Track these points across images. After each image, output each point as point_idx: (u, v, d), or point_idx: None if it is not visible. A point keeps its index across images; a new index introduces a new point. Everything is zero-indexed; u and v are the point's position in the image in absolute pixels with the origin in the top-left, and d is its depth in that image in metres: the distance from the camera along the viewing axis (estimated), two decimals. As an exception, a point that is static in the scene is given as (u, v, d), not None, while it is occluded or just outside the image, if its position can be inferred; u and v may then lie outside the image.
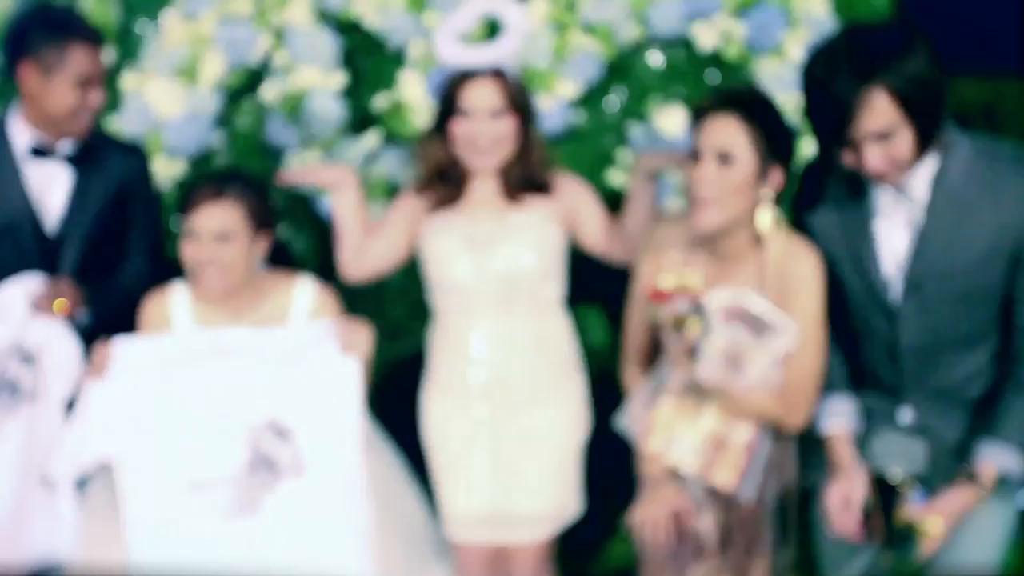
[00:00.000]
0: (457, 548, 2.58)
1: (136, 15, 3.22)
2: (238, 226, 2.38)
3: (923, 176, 2.08)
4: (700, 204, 2.16)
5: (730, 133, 2.14)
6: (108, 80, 3.11)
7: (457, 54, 2.44)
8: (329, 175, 2.67)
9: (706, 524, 2.29)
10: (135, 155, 2.75)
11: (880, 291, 2.17)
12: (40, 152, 2.52)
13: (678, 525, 2.28)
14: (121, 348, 2.33)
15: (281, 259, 2.66)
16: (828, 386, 2.26)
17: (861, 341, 2.27)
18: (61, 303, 2.48)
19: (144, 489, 2.30)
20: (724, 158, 2.14)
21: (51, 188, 2.56)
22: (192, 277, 2.40)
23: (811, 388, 2.23)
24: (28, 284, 2.47)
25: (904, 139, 1.99)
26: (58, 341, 2.49)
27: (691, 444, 2.27)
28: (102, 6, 3.13)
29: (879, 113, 1.96)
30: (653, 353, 2.40)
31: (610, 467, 2.62)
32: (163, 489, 2.30)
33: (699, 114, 2.20)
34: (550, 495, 2.55)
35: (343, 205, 2.61)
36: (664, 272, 2.26)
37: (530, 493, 2.54)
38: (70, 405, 2.46)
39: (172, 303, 2.48)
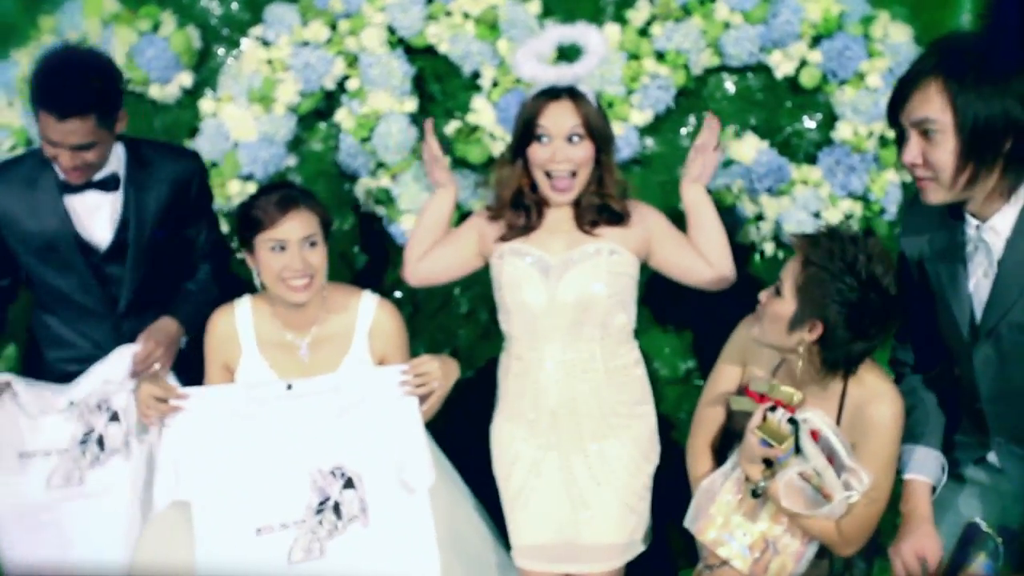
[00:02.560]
0: (524, 577, 2.60)
1: (215, 41, 3.29)
2: (319, 232, 2.47)
3: (1004, 223, 2.07)
4: (754, 313, 2.30)
5: (788, 268, 2.20)
6: (189, 104, 3.26)
7: (537, 71, 2.46)
8: (444, 172, 2.67)
9: None
10: (188, 159, 2.85)
11: (964, 337, 2.16)
12: (67, 185, 2.63)
13: None
14: (192, 396, 2.38)
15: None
16: (918, 435, 2.26)
17: (955, 383, 2.27)
18: None
19: (213, 532, 2.35)
20: (778, 288, 2.21)
21: (95, 213, 2.68)
22: (281, 289, 2.45)
23: (869, 528, 2.25)
24: (120, 360, 2.59)
25: (945, 145, 1.97)
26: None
27: (744, 542, 2.32)
28: (182, 33, 3.21)
29: (925, 101, 1.97)
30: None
31: (680, 497, 2.61)
32: (231, 533, 2.34)
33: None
34: (619, 526, 2.56)
35: (435, 207, 2.66)
36: (764, 377, 2.33)
37: (598, 523, 2.55)
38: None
39: (238, 318, 2.55)
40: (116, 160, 2.68)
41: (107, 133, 2.55)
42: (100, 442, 2.55)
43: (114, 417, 2.56)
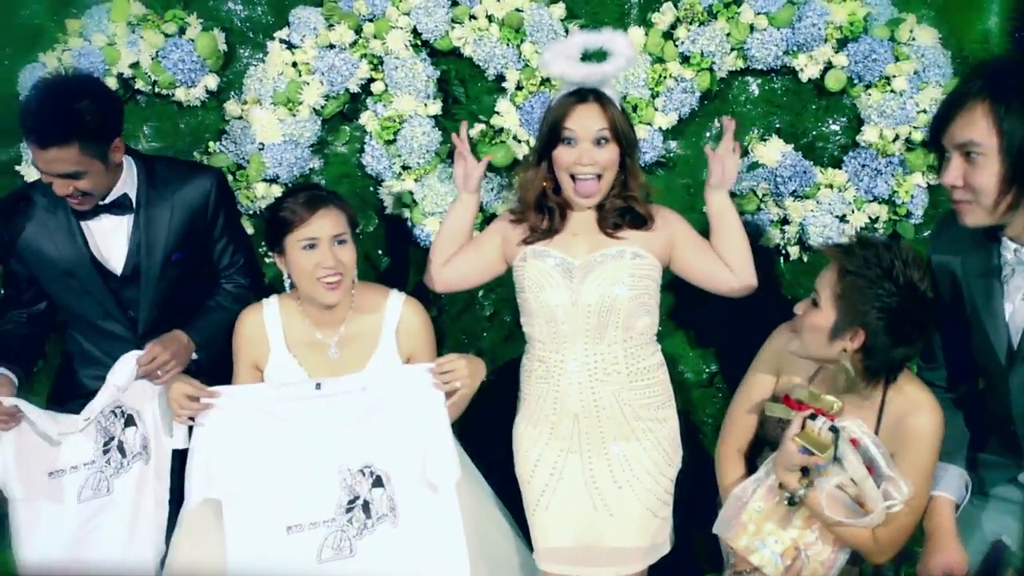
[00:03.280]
0: (547, 580, 2.63)
1: (240, 44, 3.34)
2: (348, 230, 2.53)
3: None
4: (790, 324, 2.32)
5: (824, 279, 2.22)
6: (214, 107, 3.29)
7: (566, 68, 2.47)
8: (475, 176, 2.68)
9: None
10: (205, 177, 2.82)
11: (1000, 361, 2.17)
12: (80, 211, 2.66)
13: None
14: (223, 395, 2.43)
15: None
16: (943, 453, 2.27)
17: (985, 402, 2.29)
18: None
19: (244, 531, 2.40)
20: (814, 300, 2.23)
21: (111, 236, 2.71)
22: (314, 290, 2.49)
23: (905, 537, 2.28)
24: (127, 364, 2.60)
25: (988, 168, 1.98)
26: (156, 402, 2.62)
27: (776, 549, 2.35)
28: (208, 36, 3.26)
29: (969, 124, 1.97)
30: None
31: (704, 501, 2.62)
32: (262, 531, 2.39)
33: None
34: (641, 529, 2.58)
35: (458, 213, 2.69)
36: (804, 384, 2.34)
37: (620, 526, 2.57)
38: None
39: (267, 317, 2.60)
40: (130, 181, 2.70)
41: (96, 162, 2.54)
42: (121, 448, 2.60)
43: (129, 421, 2.61)
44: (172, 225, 2.73)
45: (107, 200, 2.67)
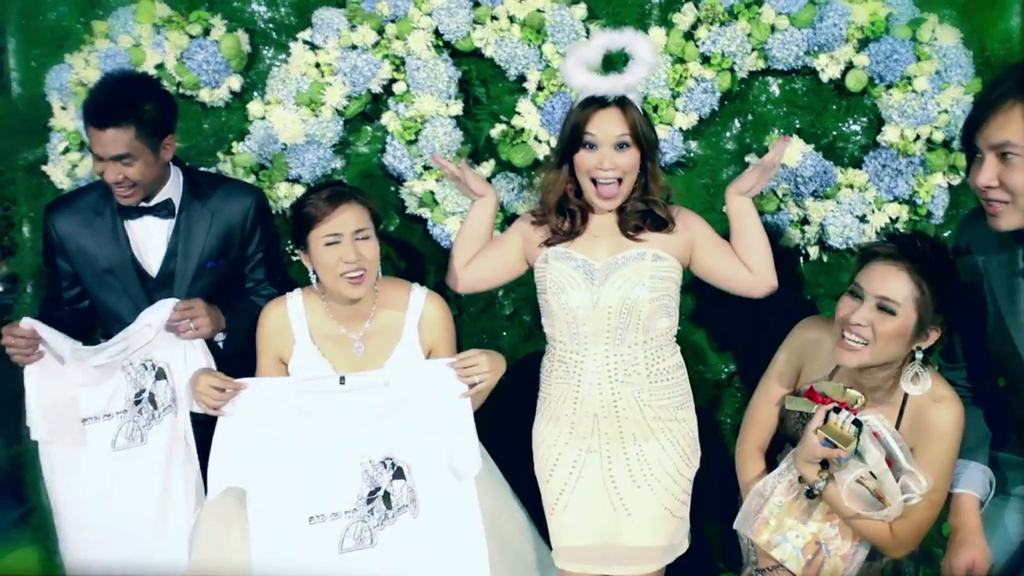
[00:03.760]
0: (565, 578, 2.66)
1: (263, 45, 3.38)
2: (371, 226, 2.57)
3: None
4: (847, 344, 2.23)
5: (887, 281, 2.18)
6: (238, 107, 3.34)
7: (588, 81, 2.49)
8: (480, 183, 2.74)
9: None
10: (246, 195, 2.94)
11: (1020, 359, 2.18)
12: (125, 210, 2.80)
13: None
14: (248, 387, 2.49)
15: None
16: (966, 450, 2.28)
17: (1006, 401, 2.30)
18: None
19: (267, 521, 2.45)
20: (884, 307, 2.19)
21: (150, 239, 2.84)
22: (339, 285, 2.53)
23: (923, 531, 2.29)
24: (164, 306, 2.67)
25: (1022, 172, 1.98)
26: (187, 358, 2.67)
27: (797, 544, 2.37)
28: (232, 37, 3.30)
29: (1006, 125, 1.98)
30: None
31: (721, 499, 2.64)
32: (285, 521, 2.45)
33: (868, 256, 2.25)
34: (659, 528, 2.60)
35: (477, 214, 2.72)
36: (824, 378, 2.36)
37: (639, 526, 2.59)
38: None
39: (291, 311, 2.64)
40: (173, 188, 2.84)
41: (149, 151, 2.69)
42: (152, 400, 2.67)
43: (160, 375, 2.68)
44: (209, 235, 2.84)
45: (151, 203, 2.80)
